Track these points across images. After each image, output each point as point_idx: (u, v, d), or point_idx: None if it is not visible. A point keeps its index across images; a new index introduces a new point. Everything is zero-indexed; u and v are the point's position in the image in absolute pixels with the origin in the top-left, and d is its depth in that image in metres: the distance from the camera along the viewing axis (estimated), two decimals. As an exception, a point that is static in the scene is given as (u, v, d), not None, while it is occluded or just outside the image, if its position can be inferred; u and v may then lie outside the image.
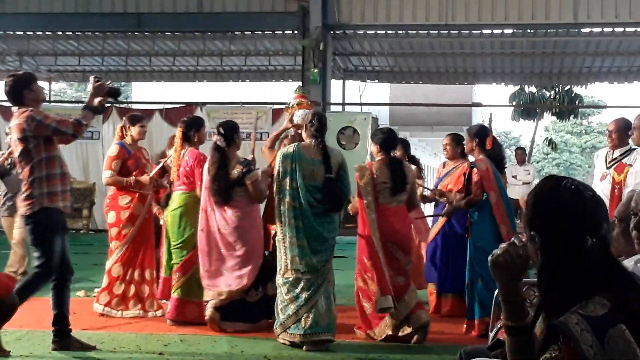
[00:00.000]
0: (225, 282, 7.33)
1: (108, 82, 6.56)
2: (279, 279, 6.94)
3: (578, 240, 2.26)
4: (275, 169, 7.11)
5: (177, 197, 7.78)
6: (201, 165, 7.57)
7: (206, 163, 7.46)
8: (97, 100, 6.32)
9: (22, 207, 6.20)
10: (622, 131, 7.67)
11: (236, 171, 7.29)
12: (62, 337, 6.31)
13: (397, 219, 7.22)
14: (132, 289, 8.02)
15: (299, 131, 7.55)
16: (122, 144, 8.15)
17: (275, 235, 7.24)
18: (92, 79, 6.40)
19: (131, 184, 7.96)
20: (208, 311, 7.29)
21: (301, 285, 6.80)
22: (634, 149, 7.64)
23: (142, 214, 8.08)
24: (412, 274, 7.50)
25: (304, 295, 6.78)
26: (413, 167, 8.50)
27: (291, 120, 7.92)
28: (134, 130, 8.18)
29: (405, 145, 9.29)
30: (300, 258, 6.80)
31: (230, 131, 7.41)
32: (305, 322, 6.74)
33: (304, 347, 6.69)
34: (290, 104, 8.15)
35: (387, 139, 7.40)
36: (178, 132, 7.93)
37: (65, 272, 6.35)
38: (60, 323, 6.34)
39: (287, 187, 6.89)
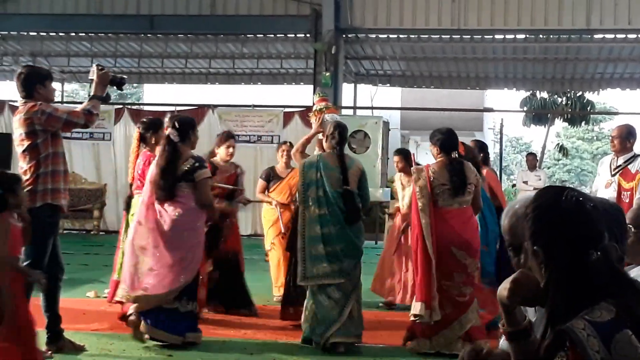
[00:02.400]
0: (143, 283, 6.76)
1: (117, 73, 6.49)
2: (309, 288, 6.97)
3: (582, 252, 2.24)
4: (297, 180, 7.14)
5: (136, 201, 7.48)
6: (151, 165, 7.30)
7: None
8: (101, 88, 6.24)
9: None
10: (624, 137, 7.66)
11: (186, 166, 6.83)
12: (56, 338, 6.22)
13: (459, 221, 6.96)
14: None
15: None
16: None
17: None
18: (95, 67, 6.30)
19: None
20: (131, 316, 6.77)
21: (332, 291, 6.82)
22: (638, 155, 7.63)
23: None
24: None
25: (336, 300, 6.81)
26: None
27: (321, 124, 7.86)
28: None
29: (406, 155, 9.28)
30: (332, 264, 6.79)
31: (185, 126, 6.99)
32: (338, 326, 6.77)
33: (339, 348, 6.73)
34: (316, 108, 8.09)
35: (447, 140, 7.14)
36: (135, 134, 7.78)
37: (57, 271, 6.25)
38: (54, 324, 6.25)
39: (313, 196, 6.90)
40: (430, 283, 6.74)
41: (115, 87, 6.48)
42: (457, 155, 7.13)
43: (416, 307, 6.74)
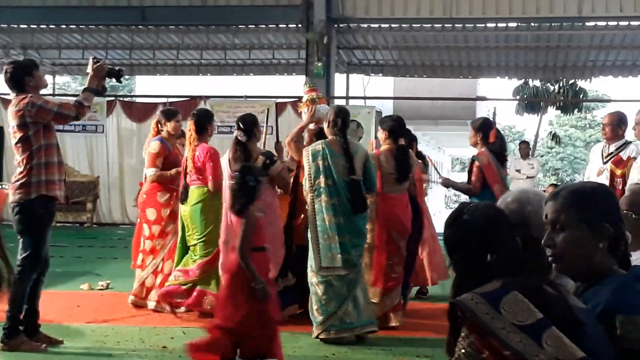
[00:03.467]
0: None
1: (112, 65, 6.47)
2: (312, 278, 6.90)
3: (481, 258, 2.52)
4: (303, 168, 7.15)
5: (195, 192, 7.68)
6: (212, 159, 7.53)
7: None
8: (96, 81, 6.25)
9: (17, 194, 6.02)
10: (615, 124, 7.66)
11: (259, 163, 7.16)
12: (32, 332, 6.18)
13: (400, 207, 7.30)
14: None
15: (320, 125, 7.52)
16: (162, 139, 8.10)
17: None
18: (91, 59, 6.29)
19: (173, 176, 7.96)
20: None
21: (341, 282, 6.81)
22: (630, 142, 7.64)
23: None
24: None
25: (345, 291, 6.81)
26: (419, 161, 8.55)
27: (312, 115, 7.86)
28: (169, 126, 8.16)
29: (412, 139, 9.26)
30: (341, 254, 6.78)
31: (249, 125, 7.34)
32: (350, 318, 6.78)
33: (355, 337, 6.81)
34: (307, 98, 8.07)
35: (396, 126, 7.39)
36: (190, 125, 7.77)
37: (43, 267, 6.22)
38: (32, 317, 6.21)
39: (323, 185, 6.88)
40: (382, 267, 7.20)
41: (114, 79, 6.46)
42: (404, 142, 7.55)
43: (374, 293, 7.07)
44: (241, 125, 7.30)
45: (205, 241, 7.63)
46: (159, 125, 8.25)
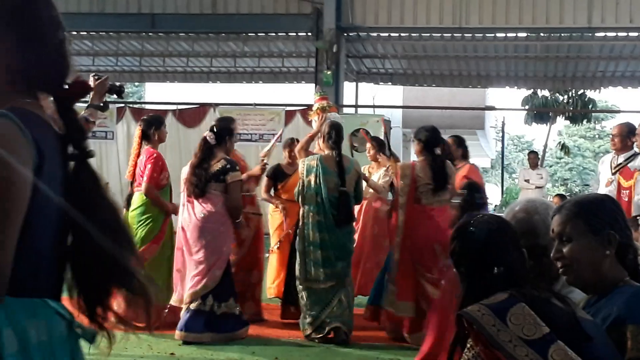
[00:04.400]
0: (187, 284, 7.05)
1: (118, 82, 6.51)
2: (298, 285, 7.16)
3: (487, 270, 2.54)
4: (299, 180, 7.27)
5: (137, 198, 7.65)
6: (151, 162, 7.45)
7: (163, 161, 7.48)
8: (98, 97, 6.27)
9: None
10: (624, 135, 7.67)
11: (218, 166, 7.06)
12: None
13: (442, 219, 7.16)
14: None
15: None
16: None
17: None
18: (91, 77, 6.32)
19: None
20: (176, 333, 6.97)
21: (327, 293, 6.98)
22: (639, 153, 7.63)
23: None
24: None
25: (329, 297, 7.00)
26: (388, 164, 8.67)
27: (323, 123, 7.88)
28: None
29: (380, 144, 9.26)
30: (326, 268, 6.92)
31: (223, 132, 7.27)
32: (331, 317, 7.00)
33: (340, 336, 6.98)
34: (318, 107, 8.10)
35: (431, 137, 7.29)
36: (137, 131, 7.77)
37: None
38: None
39: (312, 201, 7.00)
40: (410, 280, 7.04)
41: (115, 96, 6.48)
42: (439, 152, 7.36)
43: (401, 308, 6.94)
44: (215, 129, 7.22)
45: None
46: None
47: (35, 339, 1.78)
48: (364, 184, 8.84)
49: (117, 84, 6.32)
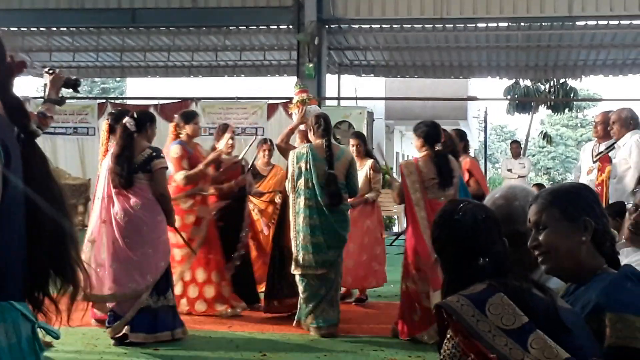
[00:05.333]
0: (114, 283, 6.67)
1: (74, 76, 6.38)
2: (296, 277, 7.16)
3: (473, 260, 2.49)
4: (288, 170, 7.28)
5: None
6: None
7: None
8: (55, 92, 6.16)
9: None
10: (607, 123, 7.67)
11: (143, 156, 6.78)
12: None
13: None
14: (197, 290, 7.99)
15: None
16: (182, 142, 7.99)
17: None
18: (45, 71, 6.22)
19: (203, 172, 7.88)
20: (110, 332, 6.67)
21: (318, 281, 7.01)
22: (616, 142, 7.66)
23: (207, 216, 8.02)
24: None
25: (323, 291, 7.05)
26: (370, 161, 8.67)
27: (303, 116, 7.86)
28: (189, 128, 8.01)
29: (362, 139, 9.25)
30: (316, 254, 6.93)
31: (144, 119, 6.97)
32: (324, 315, 7.02)
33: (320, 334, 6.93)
34: (298, 100, 8.07)
35: (431, 131, 7.18)
36: (104, 126, 7.66)
37: None
38: None
39: (303, 187, 7.06)
40: (438, 273, 6.88)
41: (71, 90, 6.36)
42: (440, 147, 7.21)
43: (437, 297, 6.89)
44: (135, 116, 6.91)
45: None
46: (177, 129, 8.13)
47: (5, 342, 1.74)
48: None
49: (73, 77, 6.18)
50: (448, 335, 2.37)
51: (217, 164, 8.20)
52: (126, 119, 6.85)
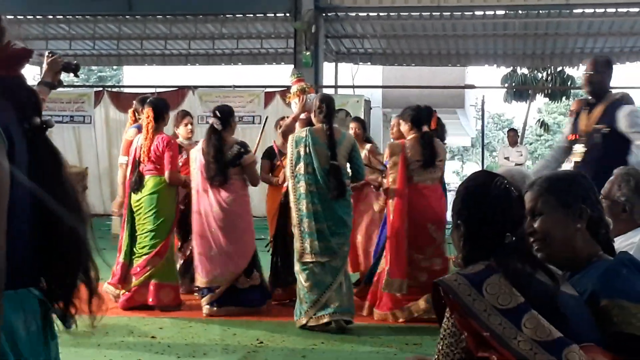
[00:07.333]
0: (218, 267, 7.43)
1: (75, 61, 6.33)
2: (296, 265, 6.98)
3: (499, 235, 2.44)
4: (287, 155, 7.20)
5: (151, 181, 7.65)
6: (171, 149, 7.58)
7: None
8: (51, 75, 6.13)
9: None
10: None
11: (232, 152, 7.45)
12: None
13: (434, 197, 7.33)
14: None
15: (310, 115, 7.51)
16: (140, 127, 8.11)
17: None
18: (45, 53, 6.18)
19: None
20: (204, 308, 7.41)
21: (323, 269, 6.83)
22: None
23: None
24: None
25: (328, 279, 6.85)
26: (369, 145, 8.67)
27: (303, 105, 7.83)
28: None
29: (362, 123, 9.25)
30: (319, 242, 6.82)
31: (226, 114, 7.56)
32: (332, 304, 6.82)
33: (332, 324, 6.79)
34: (297, 89, 8.03)
35: (417, 115, 7.41)
36: (148, 113, 7.73)
37: None
38: None
39: (302, 172, 6.90)
40: (405, 258, 7.08)
41: (71, 74, 6.33)
42: (428, 129, 7.47)
43: (394, 285, 6.95)
44: (218, 114, 7.55)
45: (155, 233, 7.61)
46: (136, 114, 8.48)
47: (24, 332, 1.75)
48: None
49: (74, 62, 6.16)
50: (447, 314, 2.38)
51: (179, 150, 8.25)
52: (212, 120, 7.59)
